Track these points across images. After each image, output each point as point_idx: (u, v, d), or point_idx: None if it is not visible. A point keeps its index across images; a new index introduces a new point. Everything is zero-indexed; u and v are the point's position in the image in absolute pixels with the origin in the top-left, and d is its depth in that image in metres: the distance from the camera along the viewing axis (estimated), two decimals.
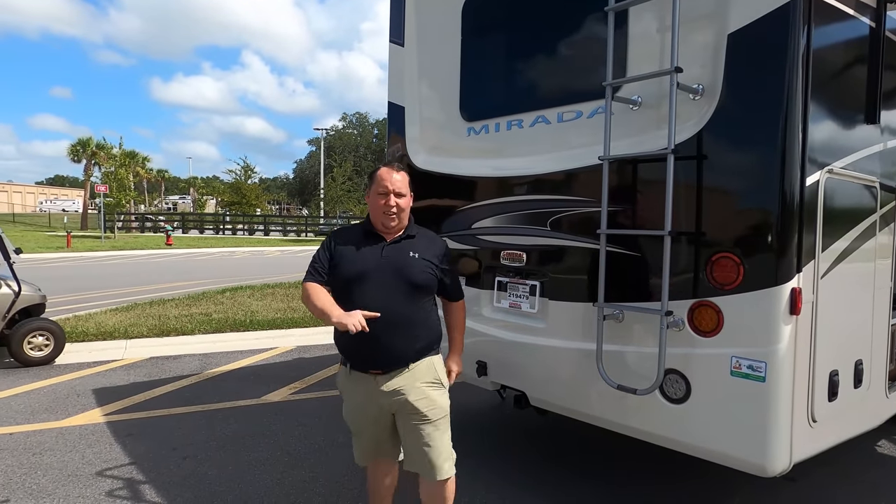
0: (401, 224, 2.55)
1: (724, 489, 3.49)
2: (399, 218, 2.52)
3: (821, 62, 2.51)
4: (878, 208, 3.06)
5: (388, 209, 2.48)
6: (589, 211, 3.03)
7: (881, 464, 3.96)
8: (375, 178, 2.54)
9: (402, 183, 2.53)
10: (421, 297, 2.50)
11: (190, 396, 5.18)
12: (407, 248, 2.51)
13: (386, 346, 2.44)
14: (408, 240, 2.55)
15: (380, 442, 2.66)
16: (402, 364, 2.47)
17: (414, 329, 2.48)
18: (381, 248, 2.51)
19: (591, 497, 3.39)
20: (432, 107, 4.09)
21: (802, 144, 2.43)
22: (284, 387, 5.48)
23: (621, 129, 2.88)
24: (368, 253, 2.49)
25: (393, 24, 4.32)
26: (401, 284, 2.45)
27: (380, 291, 2.42)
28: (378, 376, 2.48)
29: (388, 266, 2.46)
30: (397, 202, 2.49)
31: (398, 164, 2.63)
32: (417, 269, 2.48)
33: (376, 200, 2.52)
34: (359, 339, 2.36)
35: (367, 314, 2.31)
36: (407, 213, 2.56)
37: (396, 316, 2.41)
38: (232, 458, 3.89)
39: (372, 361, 2.48)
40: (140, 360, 6.46)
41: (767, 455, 2.43)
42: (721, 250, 2.54)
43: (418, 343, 2.49)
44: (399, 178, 2.52)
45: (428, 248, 2.56)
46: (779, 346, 2.40)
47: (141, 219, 43.38)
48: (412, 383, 2.48)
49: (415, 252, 2.51)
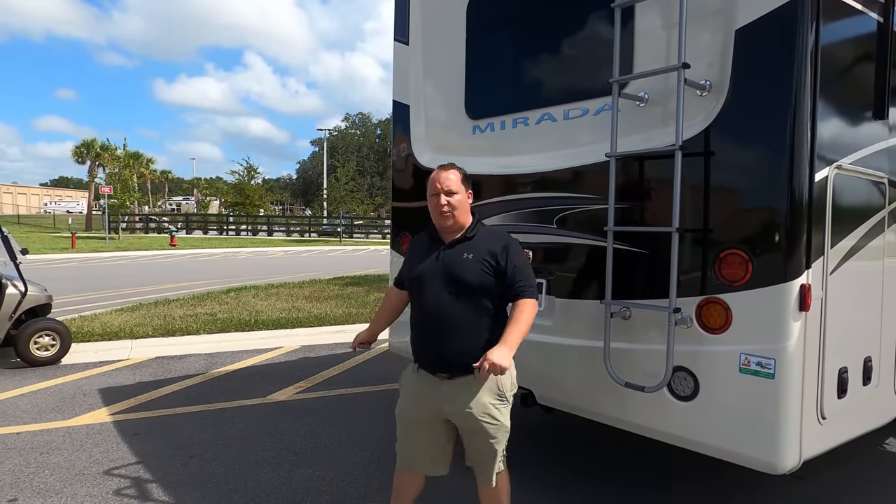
0: (457, 223, 2.50)
1: (729, 489, 3.48)
2: (454, 217, 2.47)
3: (829, 57, 2.50)
4: (887, 205, 3.04)
5: (440, 208, 2.46)
6: (596, 208, 3.02)
7: (889, 463, 3.94)
8: (429, 181, 2.54)
9: (453, 181, 2.48)
10: (476, 298, 2.42)
11: (196, 396, 5.19)
12: (462, 249, 2.47)
13: (447, 351, 2.42)
14: (465, 241, 2.50)
15: (422, 452, 2.60)
16: (468, 370, 2.38)
17: (474, 333, 2.41)
18: (438, 252, 2.50)
19: (593, 497, 3.39)
20: (437, 105, 4.09)
21: (811, 140, 2.42)
22: (290, 386, 5.48)
23: (628, 126, 2.87)
24: (427, 257, 2.52)
25: (397, 23, 4.31)
26: (454, 288, 2.41)
27: (434, 297, 2.44)
28: (444, 380, 2.46)
29: (442, 270, 2.45)
30: (449, 200, 2.46)
31: (452, 163, 2.59)
32: (470, 271, 2.41)
33: (431, 203, 2.52)
34: (422, 342, 2.49)
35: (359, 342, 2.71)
36: (463, 211, 2.51)
37: (452, 320, 2.40)
38: (238, 457, 3.90)
39: (437, 364, 2.47)
40: (146, 359, 6.48)
41: (777, 452, 2.42)
42: (729, 247, 2.53)
43: (482, 347, 2.37)
44: (450, 177, 2.49)
45: (485, 247, 2.46)
46: (788, 343, 2.38)
47: (145, 220, 43.50)
48: (476, 397, 2.42)
49: (469, 253, 2.45)
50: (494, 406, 2.44)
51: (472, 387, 2.41)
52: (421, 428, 2.56)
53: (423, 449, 2.59)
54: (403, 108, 4.30)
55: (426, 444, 2.58)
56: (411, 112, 4.24)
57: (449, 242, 2.51)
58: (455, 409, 2.44)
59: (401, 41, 4.31)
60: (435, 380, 2.47)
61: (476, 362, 2.31)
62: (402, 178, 4.33)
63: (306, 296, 10.82)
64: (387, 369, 6.07)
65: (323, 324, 8.34)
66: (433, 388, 2.48)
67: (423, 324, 2.51)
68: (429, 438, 2.56)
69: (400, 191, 4.39)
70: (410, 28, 4.21)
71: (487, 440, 2.45)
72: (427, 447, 2.58)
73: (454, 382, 2.43)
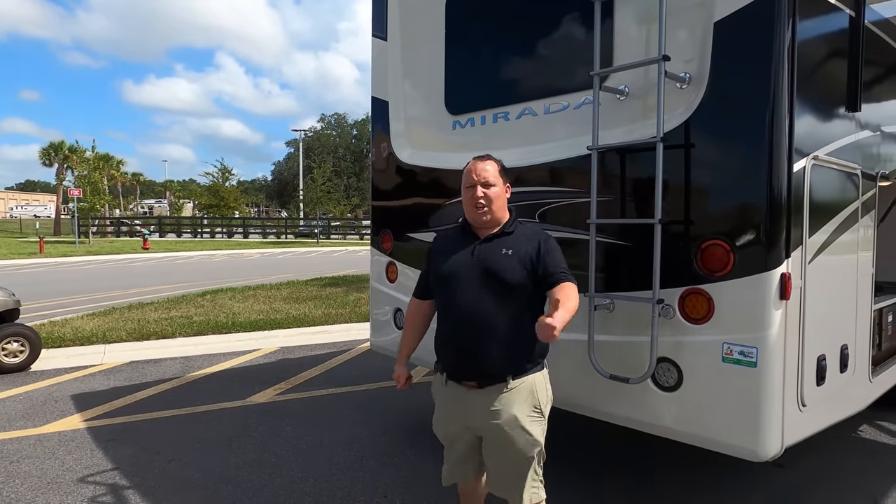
0: (494, 219, 2.31)
1: (712, 479, 3.52)
2: (490, 211, 2.29)
3: (805, 49, 2.54)
4: (860, 196, 3.11)
5: (476, 201, 2.27)
6: (578, 202, 3.02)
7: (864, 449, 4.03)
8: (464, 173, 2.36)
9: (490, 172, 2.30)
10: (517, 298, 2.22)
11: (173, 400, 5.07)
12: (500, 245, 2.28)
13: (480, 357, 2.21)
14: (503, 237, 2.30)
15: (465, 466, 2.45)
16: (500, 380, 2.22)
17: (511, 338, 2.21)
18: (473, 247, 2.30)
19: (591, 497, 3.39)
20: (417, 101, 4.06)
21: (789, 131, 2.45)
22: (269, 388, 5.39)
23: (609, 119, 2.88)
24: (460, 252, 2.31)
25: (375, 18, 4.27)
26: (492, 286, 2.21)
27: (469, 294, 2.23)
28: (472, 390, 2.26)
29: (478, 266, 2.25)
30: (485, 192, 2.27)
31: (489, 154, 2.41)
32: (509, 268, 2.22)
33: (466, 195, 2.33)
34: (452, 346, 2.27)
35: (403, 383, 2.50)
36: (500, 205, 2.32)
37: (489, 322, 2.19)
38: (218, 461, 3.82)
39: (466, 372, 2.27)
40: (120, 364, 6.32)
41: (760, 440, 2.44)
42: (711, 237, 2.55)
43: (517, 355, 2.23)
44: (487, 168, 2.31)
45: (525, 243, 2.27)
46: (770, 332, 2.41)
47: (116, 223, 42.59)
48: (509, 409, 2.22)
49: (508, 249, 2.26)
50: (529, 418, 2.24)
51: (503, 397, 2.22)
52: (458, 442, 2.40)
53: (466, 462, 2.43)
54: (382, 105, 4.27)
55: (467, 457, 2.42)
56: (390, 108, 4.20)
57: (486, 237, 2.31)
58: (482, 421, 2.25)
59: (379, 37, 4.28)
60: (462, 389, 2.28)
61: (509, 370, 2.19)
62: (382, 175, 4.30)
63: (284, 297, 10.68)
64: (368, 369, 6.02)
65: (302, 325, 8.24)
66: (461, 399, 2.29)
67: (453, 326, 2.29)
68: (467, 452, 2.41)
69: (380, 188, 4.35)
70: (389, 23, 4.17)
71: (516, 458, 2.25)
72: (468, 459, 2.42)
73: (483, 392, 2.24)
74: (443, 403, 2.40)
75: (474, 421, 2.28)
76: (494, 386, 2.22)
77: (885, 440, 4.16)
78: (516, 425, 2.22)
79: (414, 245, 4.00)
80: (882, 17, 3.31)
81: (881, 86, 3.40)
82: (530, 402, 2.25)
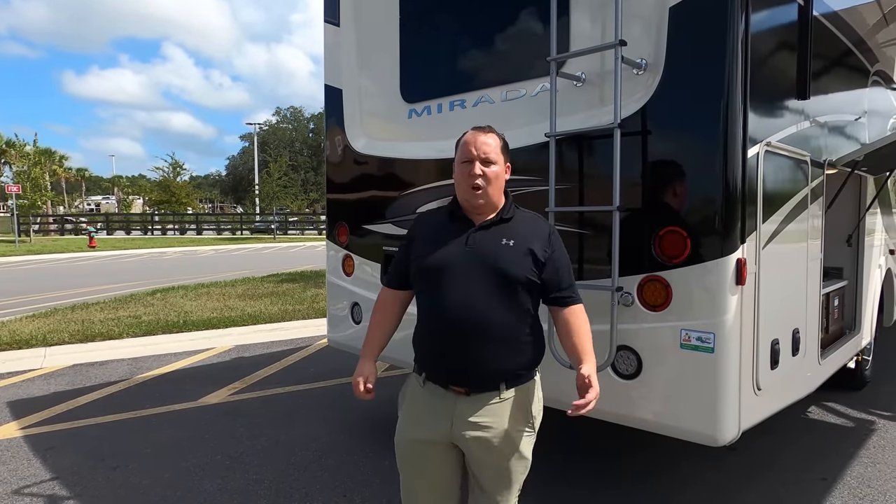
0: (491, 202, 1.99)
1: (665, 464, 3.56)
2: (487, 194, 1.97)
3: (758, 36, 2.55)
4: (809, 183, 3.17)
5: (473, 181, 1.94)
6: (536, 190, 2.98)
7: (813, 428, 4.16)
8: (459, 144, 2.02)
9: (492, 147, 1.97)
10: (518, 297, 1.94)
11: (119, 403, 4.83)
12: (499, 234, 1.97)
13: (471, 360, 1.91)
14: (501, 224, 1.99)
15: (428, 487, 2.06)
16: (493, 387, 1.94)
17: (509, 339, 1.94)
18: (467, 234, 1.98)
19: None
20: (371, 89, 3.95)
21: (743, 117, 2.46)
22: (223, 388, 5.20)
23: (567, 106, 2.84)
24: (451, 240, 1.98)
25: (327, 3, 4.14)
26: (490, 279, 1.91)
27: (463, 288, 1.91)
28: (461, 396, 1.96)
29: (474, 256, 1.94)
30: (485, 171, 1.94)
31: (490, 126, 2.06)
32: (513, 261, 1.93)
33: (459, 171, 2.00)
34: (438, 346, 1.97)
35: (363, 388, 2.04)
36: (499, 187, 2.00)
37: (483, 321, 1.90)
38: (168, 465, 3.64)
39: (456, 376, 1.95)
40: (61, 368, 5.99)
41: (718, 425, 2.46)
42: (668, 224, 2.54)
43: (514, 359, 1.96)
44: (489, 141, 1.97)
45: (527, 234, 1.98)
46: (726, 317, 2.42)
47: (60, 221, 40.79)
48: (500, 422, 1.94)
49: (509, 239, 1.95)
50: (520, 433, 1.98)
51: (494, 407, 1.94)
52: (425, 455, 2.02)
53: (430, 483, 2.05)
54: (336, 93, 4.14)
55: (432, 476, 2.04)
56: (344, 96, 4.08)
57: (481, 224, 1.99)
58: (468, 431, 1.94)
59: (331, 22, 4.14)
60: (447, 395, 1.97)
61: (504, 376, 1.93)
62: (337, 165, 4.17)
63: (239, 294, 10.39)
64: (326, 365, 5.89)
65: (258, 322, 8.02)
66: (443, 406, 1.97)
67: (441, 324, 1.95)
68: (435, 470, 2.03)
69: (334, 179, 4.22)
70: (341, 8, 4.04)
71: (502, 474, 1.99)
72: (434, 480, 2.04)
73: (472, 399, 1.94)
74: (418, 407, 2.03)
75: (457, 430, 1.95)
76: (485, 394, 1.94)
77: (833, 420, 4.31)
78: (505, 440, 1.95)
79: (371, 237, 3.91)
80: (831, 10, 3.38)
81: (829, 76, 3.48)
82: (522, 415, 1.98)
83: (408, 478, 2.08)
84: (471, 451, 1.98)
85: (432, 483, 2.05)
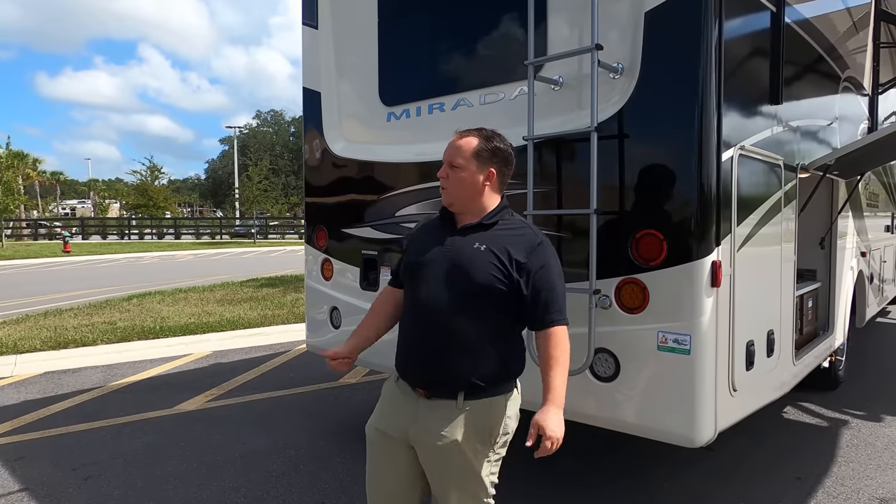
0: (460, 205, 1.97)
1: (644, 464, 3.58)
2: (450, 195, 1.96)
3: (732, 41, 2.59)
4: (782, 186, 3.22)
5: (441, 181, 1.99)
6: (514, 193, 2.97)
7: (788, 428, 4.22)
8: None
9: (461, 151, 1.94)
10: (483, 303, 1.87)
11: (92, 411, 4.72)
12: (475, 238, 1.92)
13: (431, 363, 1.90)
14: (480, 229, 1.94)
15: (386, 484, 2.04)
16: (448, 394, 1.88)
17: (470, 347, 1.86)
18: (448, 236, 1.97)
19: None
20: (350, 92, 3.92)
21: (718, 121, 2.49)
22: (200, 394, 5.12)
23: (544, 109, 2.85)
24: (434, 241, 1.98)
25: (305, 5, 4.11)
26: (455, 283, 1.87)
27: (432, 289, 1.90)
28: (422, 399, 1.94)
29: (446, 258, 1.92)
30: (448, 173, 1.95)
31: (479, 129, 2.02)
32: (476, 265, 1.87)
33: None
34: (407, 345, 1.99)
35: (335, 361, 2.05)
36: (469, 191, 1.95)
37: (446, 325, 1.87)
38: (142, 475, 3.56)
39: (417, 377, 1.96)
40: (32, 375, 5.85)
41: (695, 426, 2.47)
42: (645, 227, 2.56)
43: (475, 369, 1.87)
44: (459, 144, 1.96)
45: (505, 240, 1.90)
46: (702, 319, 2.45)
47: (34, 225, 39.96)
48: (454, 433, 1.86)
49: (482, 243, 1.90)
50: (472, 449, 1.88)
51: (451, 416, 1.88)
52: (382, 448, 2.01)
53: (384, 476, 2.03)
54: (314, 96, 4.11)
55: (385, 470, 2.02)
56: (323, 99, 4.05)
57: (461, 227, 1.98)
58: (422, 434, 1.91)
59: (310, 25, 4.11)
60: (413, 395, 1.96)
61: (460, 384, 1.86)
62: (315, 169, 4.14)
63: (218, 299, 10.25)
64: (305, 371, 5.83)
65: (236, 327, 7.92)
66: (408, 404, 1.96)
67: (411, 325, 1.99)
68: (388, 464, 2.01)
69: (313, 183, 4.19)
70: (319, 11, 4.02)
71: (451, 488, 1.91)
72: (388, 475, 2.02)
73: (431, 403, 1.91)
74: (387, 400, 2.06)
75: (413, 431, 1.94)
76: (442, 401, 1.90)
77: (808, 420, 4.38)
78: (455, 453, 1.87)
79: (350, 241, 3.88)
80: (802, 17, 3.45)
81: (801, 82, 3.54)
82: (479, 430, 1.89)
83: (369, 463, 2.09)
84: (420, 455, 1.95)
85: (384, 476, 2.03)
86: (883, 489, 3.30)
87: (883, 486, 3.33)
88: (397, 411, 2.00)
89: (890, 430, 4.14)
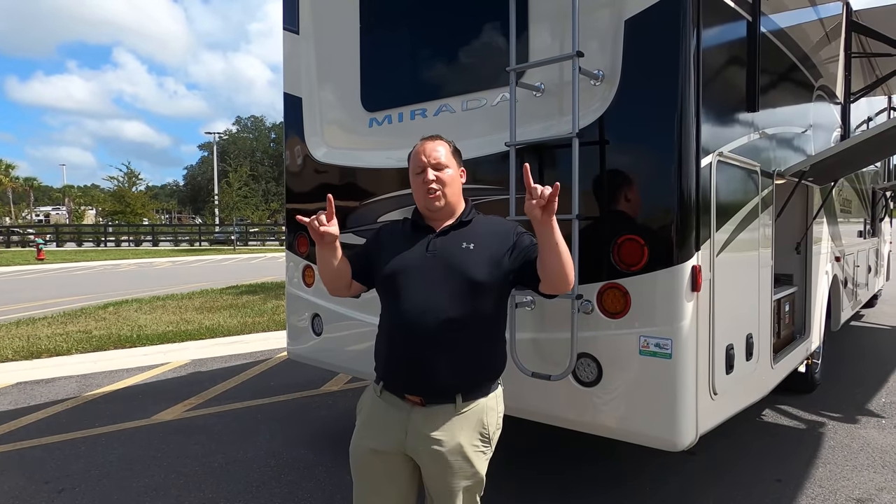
0: (449, 206, 2.01)
1: (623, 472, 3.59)
2: (444, 196, 1.99)
3: (710, 49, 2.63)
4: (759, 192, 3.28)
5: (428, 186, 1.97)
6: (497, 199, 2.99)
7: (767, 431, 4.27)
8: (411, 156, 2.06)
9: (441, 154, 2.00)
10: (481, 302, 1.92)
11: (66, 422, 4.61)
12: (459, 238, 1.98)
13: (428, 369, 1.88)
14: (461, 228, 2.01)
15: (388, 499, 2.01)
16: (449, 398, 1.91)
17: (469, 348, 1.91)
18: (427, 241, 1.99)
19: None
20: (331, 98, 3.90)
21: (697, 128, 2.52)
22: (178, 404, 5.03)
23: (526, 116, 2.87)
24: (412, 247, 1.99)
25: (286, 10, 4.09)
26: (452, 285, 1.90)
27: (423, 295, 1.90)
28: (416, 407, 1.93)
29: (436, 262, 1.94)
30: (438, 175, 1.98)
31: (439, 135, 2.12)
32: (474, 264, 1.91)
33: (414, 182, 2.03)
34: (396, 354, 1.95)
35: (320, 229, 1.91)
36: (455, 191, 2.03)
37: (444, 327, 1.87)
38: (118, 487, 3.48)
39: (411, 385, 1.93)
40: (4, 386, 5.69)
41: (676, 430, 2.49)
42: (626, 232, 2.58)
43: (474, 370, 1.93)
44: (438, 148, 2.01)
45: (487, 235, 1.99)
46: (683, 323, 2.47)
47: (6, 232, 39.04)
48: (454, 436, 1.90)
49: (469, 242, 1.96)
50: (474, 449, 1.92)
51: (450, 419, 1.90)
52: (378, 467, 1.98)
53: (381, 495, 2.00)
54: (296, 101, 4.08)
55: (383, 487, 2.00)
56: (304, 105, 4.02)
57: (441, 229, 2.01)
58: (421, 444, 1.91)
59: (290, 30, 4.09)
60: (403, 405, 1.95)
61: (461, 386, 1.89)
62: (296, 175, 4.11)
63: (196, 307, 10.11)
64: (286, 379, 5.76)
65: (216, 335, 7.80)
66: (398, 416, 1.94)
67: (400, 333, 1.95)
68: (387, 483, 1.99)
69: (294, 189, 4.15)
70: (301, 16, 4.00)
71: (452, 490, 1.93)
72: (385, 492, 2.00)
73: (427, 410, 1.91)
74: (373, 416, 2.00)
75: (410, 442, 1.92)
76: (441, 406, 1.91)
77: (786, 422, 4.44)
78: (458, 455, 1.90)
79: None
80: (777, 27, 3.52)
81: (776, 90, 3.61)
82: (478, 430, 1.93)
83: (359, 487, 2.03)
84: (423, 465, 1.95)
85: (384, 495, 2.00)
86: (859, 489, 3.35)
87: (859, 487, 3.39)
88: (388, 425, 1.96)
89: (865, 432, 4.22)
